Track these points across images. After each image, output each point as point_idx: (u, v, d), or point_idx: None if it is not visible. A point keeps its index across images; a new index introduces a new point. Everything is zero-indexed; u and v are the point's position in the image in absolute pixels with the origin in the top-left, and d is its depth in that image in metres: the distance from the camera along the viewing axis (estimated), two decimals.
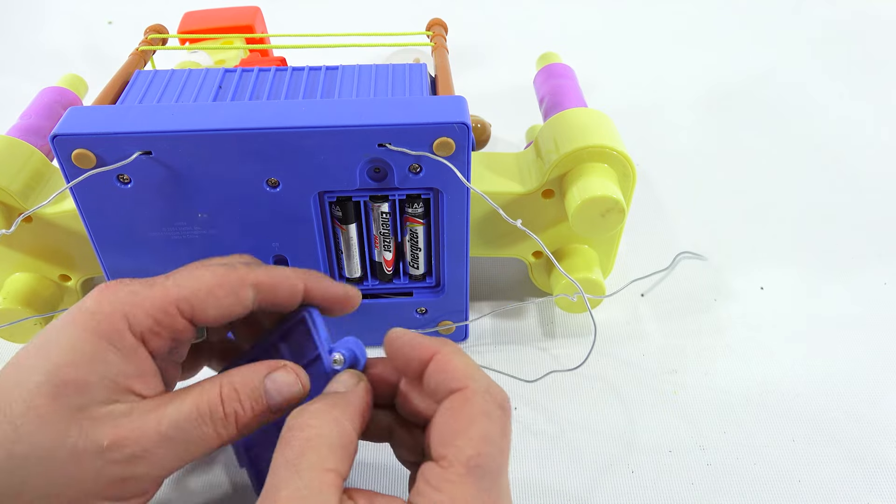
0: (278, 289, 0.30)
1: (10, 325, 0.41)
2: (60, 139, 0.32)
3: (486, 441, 0.25)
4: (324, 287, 0.31)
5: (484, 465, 0.25)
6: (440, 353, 0.28)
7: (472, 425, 0.25)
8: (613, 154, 0.39)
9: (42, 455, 0.25)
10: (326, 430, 0.25)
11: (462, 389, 0.26)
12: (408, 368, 0.29)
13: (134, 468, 0.26)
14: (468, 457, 0.25)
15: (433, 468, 0.25)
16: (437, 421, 0.26)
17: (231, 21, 0.54)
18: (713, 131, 0.66)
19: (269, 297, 0.30)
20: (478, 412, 0.26)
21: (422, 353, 0.28)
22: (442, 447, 0.25)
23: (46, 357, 0.26)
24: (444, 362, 0.27)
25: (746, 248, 0.52)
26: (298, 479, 0.24)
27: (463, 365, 0.27)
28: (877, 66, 0.76)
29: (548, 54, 0.53)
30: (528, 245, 0.43)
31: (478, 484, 0.24)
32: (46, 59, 0.77)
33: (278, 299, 0.30)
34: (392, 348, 0.29)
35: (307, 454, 0.25)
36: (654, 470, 0.37)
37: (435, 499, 0.24)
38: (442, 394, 0.27)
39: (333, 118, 0.33)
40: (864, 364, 0.43)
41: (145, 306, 0.27)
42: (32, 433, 0.25)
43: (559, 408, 0.41)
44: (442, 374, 0.27)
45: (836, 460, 0.38)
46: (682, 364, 0.43)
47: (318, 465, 0.24)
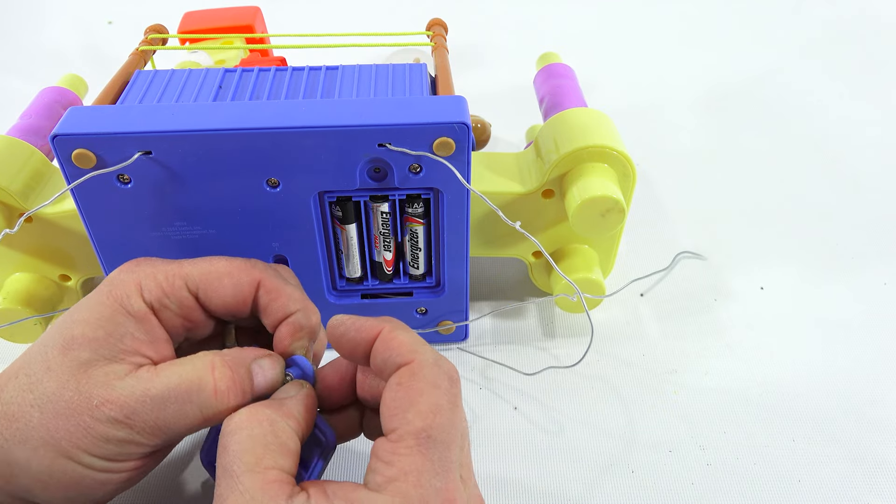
0: (278, 298, 0.31)
1: (10, 325, 0.41)
2: (60, 139, 0.32)
3: (436, 412, 0.25)
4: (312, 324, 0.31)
5: (435, 436, 0.25)
6: (384, 331, 0.27)
7: (420, 397, 0.25)
8: (613, 154, 0.39)
9: (44, 403, 0.26)
10: (259, 430, 0.25)
11: (409, 363, 0.26)
12: (355, 353, 0.28)
13: (118, 431, 0.26)
14: (418, 429, 0.24)
15: (384, 443, 0.25)
16: (386, 396, 0.26)
17: (231, 21, 0.54)
18: (713, 131, 0.66)
19: (266, 301, 0.31)
20: (426, 384, 0.26)
21: (366, 335, 0.28)
22: (392, 421, 0.25)
23: (67, 317, 0.28)
24: (389, 339, 0.27)
25: (746, 248, 0.52)
26: (239, 484, 0.24)
27: (408, 339, 0.27)
28: (877, 66, 0.76)
29: (548, 54, 0.53)
30: (528, 245, 0.43)
31: (428, 455, 0.24)
32: (46, 59, 0.77)
33: (273, 311, 0.31)
34: (335, 335, 0.29)
35: (242, 456, 0.24)
36: (654, 470, 0.37)
37: (386, 473, 0.24)
38: (390, 370, 0.27)
39: (333, 118, 0.33)
40: (864, 364, 0.43)
41: (157, 277, 0.29)
42: (41, 382, 0.27)
43: (559, 408, 0.41)
44: (388, 351, 0.27)
45: (836, 460, 0.38)
46: (682, 364, 0.43)
47: (256, 466, 0.24)
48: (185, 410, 0.27)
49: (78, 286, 0.43)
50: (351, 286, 0.41)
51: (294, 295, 0.31)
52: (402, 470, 0.24)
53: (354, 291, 0.41)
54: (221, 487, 0.24)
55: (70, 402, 0.26)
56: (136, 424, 0.26)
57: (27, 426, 0.26)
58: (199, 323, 0.31)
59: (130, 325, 0.28)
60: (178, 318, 0.30)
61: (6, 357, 0.44)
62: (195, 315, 0.30)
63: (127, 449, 0.27)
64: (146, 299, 0.29)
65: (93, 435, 0.26)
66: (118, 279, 0.29)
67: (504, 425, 0.40)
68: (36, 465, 0.26)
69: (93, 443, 0.26)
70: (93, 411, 0.26)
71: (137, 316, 0.29)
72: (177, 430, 0.27)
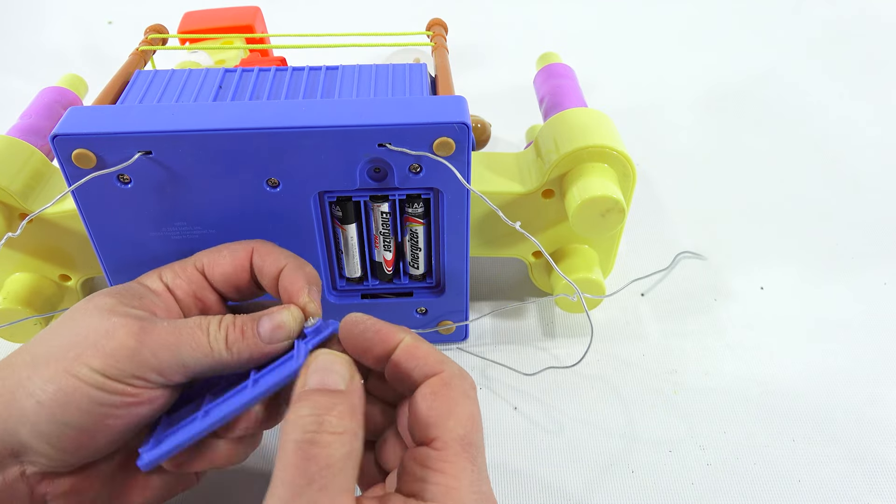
0: (269, 255, 0.32)
1: (10, 325, 0.41)
2: (60, 139, 0.32)
3: (473, 420, 0.27)
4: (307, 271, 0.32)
5: (474, 441, 0.26)
6: (407, 340, 0.29)
7: (457, 406, 0.27)
8: (613, 154, 0.39)
9: (62, 331, 0.29)
10: (347, 448, 0.25)
11: (439, 374, 0.28)
12: (367, 353, 0.29)
13: (127, 343, 0.27)
14: (460, 436, 0.26)
15: (427, 451, 0.26)
16: (421, 405, 0.27)
17: (231, 21, 0.54)
18: (713, 131, 0.66)
19: (260, 263, 0.32)
20: (459, 393, 0.27)
21: (386, 339, 0.29)
22: (431, 430, 0.26)
23: None
24: (414, 349, 0.28)
25: (746, 248, 0.52)
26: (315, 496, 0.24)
27: (433, 351, 0.29)
28: (877, 66, 0.76)
29: (548, 54, 0.53)
30: (528, 245, 0.43)
31: (472, 460, 0.26)
32: (46, 59, 0.77)
33: (268, 267, 0.32)
34: (351, 332, 0.29)
35: (333, 477, 0.24)
36: (654, 470, 0.37)
37: (440, 480, 0.25)
38: (417, 379, 0.28)
39: (333, 118, 0.33)
40: (864, 364, 0.43)
41: (173, 267, 0.33)
42: (62, 320, 0.29)
43: (559, 408, 0.41)
44: (414, 361, 0.28)
45: (836, 460, 0.38)
46: (682, 364, 0.43)
47: (340, 488, 0.24)
48: (193, 336, 0.29)
49: (78, 286, 0.43)
50: (351, 286, 0.41)
51: (284, 252, 0.33)
52: (455, 475, 0.25)
53: (354, 291, 0.41)
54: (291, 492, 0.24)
55: (87, 326, 0.28)
56: (147, 341, 0.28)
57: (40, 349, 0.28)
58: (208, 304, 0.33)
59: (149, 294, 0.31)
60: (191, 298, 0.32)
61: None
62: (204, 294, 0.33)
63: (131, 368, 0.27)
64: (163, 280, 0.32)
65: (99, 349, 0.27)
66: (143, 274, 0.33)
67: (504, 425, 0.40)
68: (37, 381, 0.27)
69: (98, 357, 0.27)
70: (108, 330, 0.28)
71: (156, 291, 0.32)
72: (182, 357, 0.28)
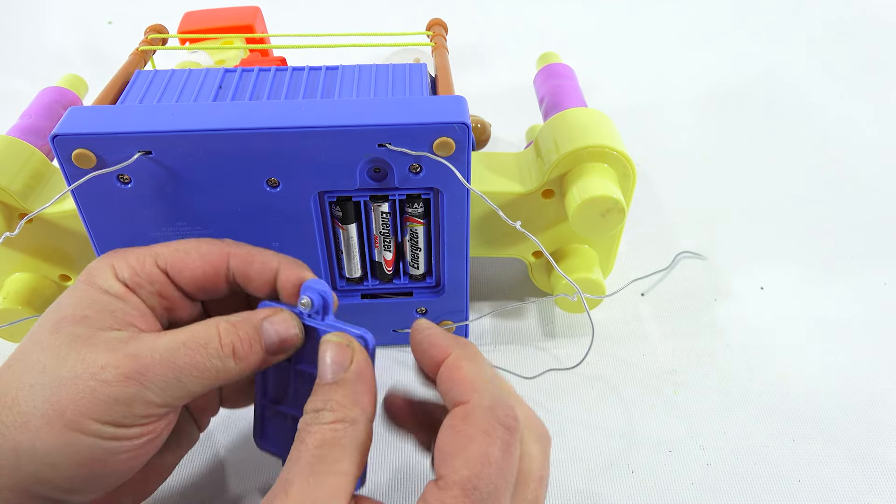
0: (253, 261, 0.30)
1: (10, 325, 0.41)
2: (60, 139, 0.32)
3: (484, 462, 0.24)
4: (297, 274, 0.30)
5: (481, 487, 0.24)
6: (450, 358, 0.27)
7: (470, 444, 0.24)
8: (613, 154, 0.39)
9: (43, 380, 0.26)
10: (352, 430, 0.25)
11: (464, 404, 0.25)
12: (427, 367, 0.28)
13: (126, 388, 0.25)
14: (464, 478, 0.24)
15: (432, 489, 0.24)
16: (440, 438, 0.25)
17: (231, 21, 0.54)
18: (713, 131, 0.66)
19: (242, 268, 0.30)
20: (477, 430, 0.25)
21: (436, 354, 0.27)
22: (441, 466, 0.25)
23: (51, 308, 0.28)
24: (453, 369, 0.26)
25: (746, 248, 0.52)
26: (313, 479, 0.24)
27: (472, 374, 0.26)
28: (877, 66, 0.76)
29: (548, 54, 0.53)
30: (528, 245, 0.43)
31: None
32: (46, 59, 0.77)
33: (251, 273, 0.30)
34: (414, 342, 0.28)
35: (330, 453, 0.24)
36: (654, 470, 0.37)
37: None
38: (448, 404, 0.26)
39: (333, 118, 0.33)
40: (864, 364, 0.43)
41: (128, 259, 0.29)
42: (37, 362, 0.26)
43: (559, 407, 0.41)
44: (448, 383, 0.26)
45: (836, 460, 0.38)
46: (682, 364, 0.43)
47: (337, 468, 0.24)
48: (195, 362, 0.27)
49: None
50: (351, 286, 0.41)
51: (267, 252, 0.30)
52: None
53: (354, 291, 0.41)
54: (293, 472, 0.24)
55: (72, 370, 0.26)
56: (146, 380, 0.26)
57: (27, 406, 0.25)
58: (175, 302, 0.30)
59: (115, 302, 0.28)
60: (155, 297, 0.30)
61: (5, 357, 0.44)
62: (168, 291, 0.30)
63: (137, 409, 0.26)
64: (119, 278, 0.29)
65: (98, 398, 0.25)
66: (93, 266, 0.29)
67: None
68: (41, 445, 0.25)
69: (99, 407, 0.25)
70: (98, 374, 0.25)
71: (118, 294, 0.29)
72: (187, 386, 0.27)
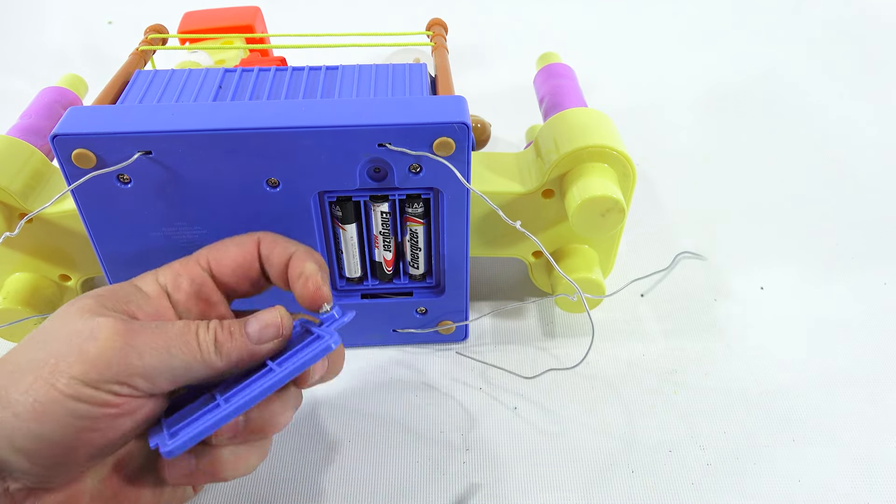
0: (277, 245, 0.32)
1: (9, 325, 0.41)
2: (60, 139, 0.32)
3: None
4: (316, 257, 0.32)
5: None
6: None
7: None
8: (613, 154, 0.39)
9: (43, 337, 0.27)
10: None
11: None
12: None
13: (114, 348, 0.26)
14: None
15: None
16: None
17: (231, 21, 0.54)
18: (713, 131, 0.66)
19: (268, 252, 0.32)
20: None
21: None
22: None
23: None
24: None
25: (746, 248, 0.52)
26: None
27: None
28: (877, 66, 0.76)
29: (548, 54, 0.53)
30: (528, 245, 0.43)
31: None
32: (46, 59, 0.77)
33: (277, 256, 0.32)
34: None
35: None
36: (654, 470, 0.37)
37: None
38: None
39: (333, 118, 0.33)
40: (864, 364, 0.43)
41: (173, 266, 0.32)
42: (46, 325, 0.28)
43: (559, 407, 0.41)
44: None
45: (836, 460, 0.38)
46: (682, 364, 0.43)
47: None
48: (184, 339, 0.27)
49: (78, 286, 0.43)
50: (351, 286, 0.41)
51: (290, 241, 0.32)
52: None
53: (354, 291, 0.41)
54: None
55: (69, 328, 0.26)
56: (135, 343, 0.26)
57: (20, 357, 0.26)
58: (211, 302, 0.32)
59: (141, 296, 0.30)
60: (192, 300, 0.31)
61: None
62: (207, 292, 0.31)
63: (119, 374, 0.26)
64: (159, 282, 0.31)
65: (85, 355, 0.25)
66: (139, 275, 0.31)
67: (504, 425, 0.40)
68: (18, 395, 0.25)
69: (83, 365, 0.25)
70: (91, 331, 0.26)
71: (148, 293, 0.30)
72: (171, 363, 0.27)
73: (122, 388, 0.26)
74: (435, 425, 0.40)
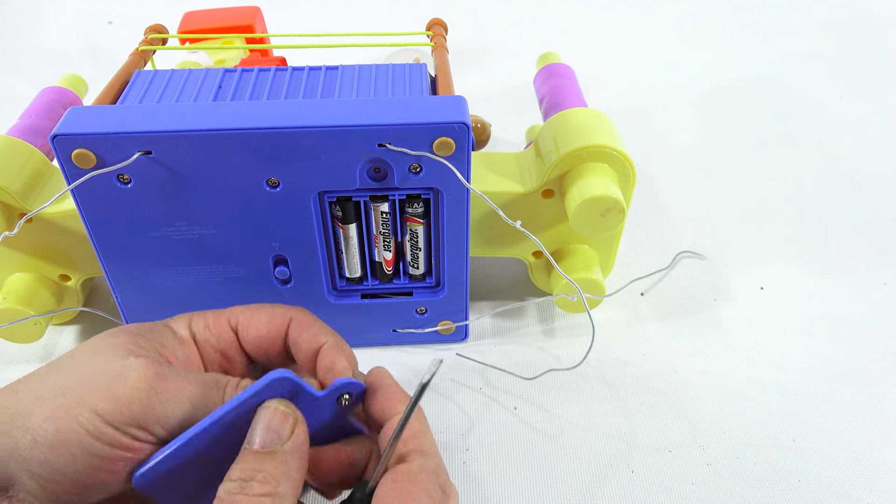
0: (309, 329, 0.31)
1: (10, 325, 0.41)
2: (60, 139, 0.32)
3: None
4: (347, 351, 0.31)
5: None
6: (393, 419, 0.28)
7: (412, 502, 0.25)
8: (613, 154, 0.39)
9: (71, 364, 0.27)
10: None
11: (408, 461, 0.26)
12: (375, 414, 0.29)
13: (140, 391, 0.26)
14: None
15: None
16: (381, 489, 0.26)
17: (231, 21, 0.54)
18: (713, 131, 0.66)
19: (297, 333, 0.31)
20: (421, 491, 0.26)
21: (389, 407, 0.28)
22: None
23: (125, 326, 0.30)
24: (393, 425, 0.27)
25: (746, 248, 0.52)
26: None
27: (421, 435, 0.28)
28: (876, 66, 0.76)
29: (548, 54, 0.53)
30: (528, 245, 0.43)
31: None
32: (46, 59, 0.77)
33: (305, 341, 0.31)
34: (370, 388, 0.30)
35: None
36: (654, 470, 0.37)
37: None
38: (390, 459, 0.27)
39: (333, 118, 0.33)
40: (864, 364, 0.43)
41: (207, 316, 0.31)
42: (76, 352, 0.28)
43: (559, 407, 0.41)
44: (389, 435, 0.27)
45: (836, 460, 0.38)
46: (682, 364, 0.43)
47: None
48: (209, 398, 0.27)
49: (78, 286, 0.43)
50: (351, 286, 0.41)
51: (324, 327, 0.31)
52: None
53: (354, 291, 0.41)
54: None
55: (100, 363, 0.26)
56: (161, 390, 0.26)
57: (46, 382, 0.26)
58: (234, 362, 0.31)
59: (173, 340, 0.30)
60: (217, 354, 0.31)
61: (6, 357, 0.44)
62: (231, 353, 0.31)
63: (139, 417, 0.25)
64: (191, 329, 0.31)
65: (110, 391, 0.25)
66: (177, 315, 0.31)
67: (504, 425, 0.40)
68: (37, 423, 0.25)
69: (107, 403, 0.25)
70: (122, 370, 0.26)
71: (181, 338, 0.30)
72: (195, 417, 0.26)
73: (139, 433, 0.26)
74: (435, 425, 0.40)
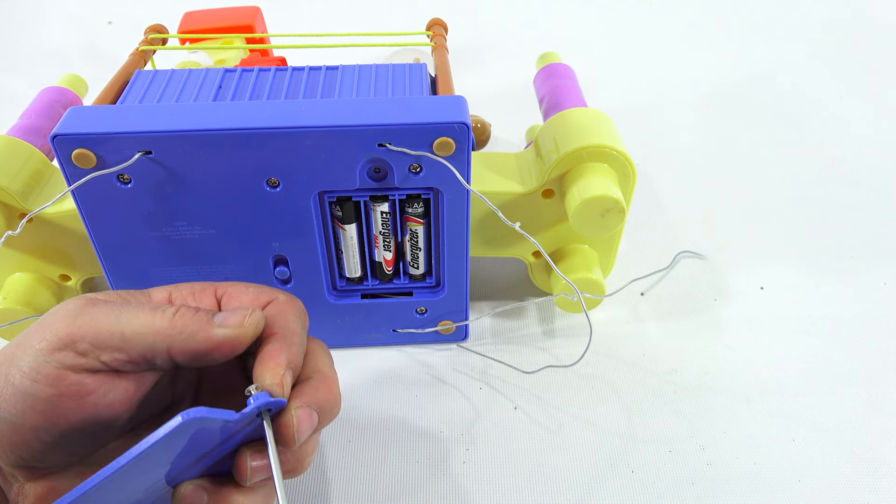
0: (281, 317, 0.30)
1: (10, 325, 0.41)
2: (60, 139, 0.32)
3: None
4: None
5: None
6: None
7: None
8: (613, 154, 0.39)
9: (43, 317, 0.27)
10: None
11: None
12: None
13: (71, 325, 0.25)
14: None
15: None
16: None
17: (231, 21, 0.54)
18: (713, 131, 0.66)
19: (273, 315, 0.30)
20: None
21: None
22: None
23: None
24: None
25: (746, 248, 0.52)
26: None
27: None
28: (876, 66, 0.76)
29: (548, 54, 0.53)
30: (528, 245, 0.44)
31: None
32: (46, 59, 0.77)
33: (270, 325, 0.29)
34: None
35: None
36: (653, 469, 0.37)
37: None
38: None
39: (333, 118, 0.33)
40: (864, 364, 0.43)
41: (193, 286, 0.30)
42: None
43: (559, 407, 0.41)
44: None
45: (836, 460, 0.38)
46: (682, 364, 0.43)
47: None
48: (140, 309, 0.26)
49: (78, 286, 0.43)
50: (351, 286, 0.41)
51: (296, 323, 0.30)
52: None
53: (354, 291, 0.41)
54: None
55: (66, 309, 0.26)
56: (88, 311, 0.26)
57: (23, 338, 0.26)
58: None
59: (142, 295, 0.29)
60: None
61: None
62: None
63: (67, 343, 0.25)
64: (171, 296, 0.29)
65: (42, 333, 0.25)
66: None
67: (504, 424, 0.40)
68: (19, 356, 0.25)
69: (39, 344, 0.25)
70: (55, 310, 0.26)
71: (153, 297, 0.29)
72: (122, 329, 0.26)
73: (66, 356, 0.25)
74: (435, 424, 0.40)
